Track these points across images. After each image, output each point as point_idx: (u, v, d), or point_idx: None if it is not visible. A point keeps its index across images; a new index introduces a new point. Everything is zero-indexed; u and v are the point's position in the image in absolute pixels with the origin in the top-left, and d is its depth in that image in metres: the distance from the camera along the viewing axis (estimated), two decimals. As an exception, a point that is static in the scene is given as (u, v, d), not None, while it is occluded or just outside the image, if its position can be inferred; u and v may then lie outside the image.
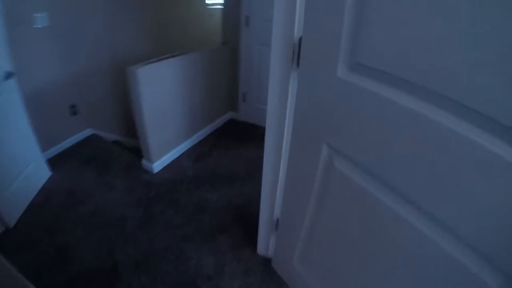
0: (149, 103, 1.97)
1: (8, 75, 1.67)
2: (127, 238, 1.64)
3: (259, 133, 2.80)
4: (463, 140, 0.51)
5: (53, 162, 2.24)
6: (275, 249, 1.40)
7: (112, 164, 2.35)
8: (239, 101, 2.94)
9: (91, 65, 2.53)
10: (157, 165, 2.22)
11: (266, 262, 1.48)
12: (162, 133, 2.19)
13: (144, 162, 2.24)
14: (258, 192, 1.96)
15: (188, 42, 2.68)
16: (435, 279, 0.63)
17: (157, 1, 2.70)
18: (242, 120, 3.03)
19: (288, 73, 0.93)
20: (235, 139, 2.73)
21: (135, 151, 2.39)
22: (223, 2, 2.67)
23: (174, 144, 2.38)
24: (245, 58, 2.70)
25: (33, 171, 1.97)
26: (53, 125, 2.39)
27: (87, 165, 2.32)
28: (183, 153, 2.46)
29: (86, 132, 2.73)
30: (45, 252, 1.56)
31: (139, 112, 1.97)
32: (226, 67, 2.76)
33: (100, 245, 1.60)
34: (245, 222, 1.74)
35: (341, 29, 0.67)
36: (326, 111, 0.80)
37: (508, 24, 0.42)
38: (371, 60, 0.64)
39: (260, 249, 1.50)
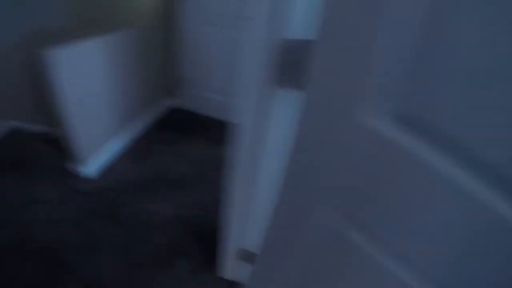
0: (71, 94, 1.59)
1: None
2: (68, 269, 1.35)
3: (204, 124, 2.59)
4: None
5: None
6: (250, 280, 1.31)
7: (39, 169, 1.91)
8: (181, 87, 2.63)
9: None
10: (92, 169, 1.87)
11: (232, 285, 1.40)
12: (92, 130, 1.83)
13: (76, 166, 1.86)
14: (211, 199, 1.82)
15: (117, 15, 2.21)
16: None
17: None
18: (185, 108, 2.74)
19: (271, 93, 0.72)
20: (177, 131, 2.46)
21: (67, 145, 1.96)
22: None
23: (109, 141, 2.02)
24: (188, 39, 2.38)
25: None
26: None
27: (7, 173, 1.84)
28: (120, 152, 2.12)
29: (2, 127, 2.12)
30: None
31: (58, 106, 1.58)
32: (164, 47, 2.40)
33: (35, 280, 1.29)
34: (201, 238, 1.60)
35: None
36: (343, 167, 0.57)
37: None
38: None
39: (224, 272, 1.41)
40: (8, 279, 1.29)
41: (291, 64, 0.61)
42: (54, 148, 2.06)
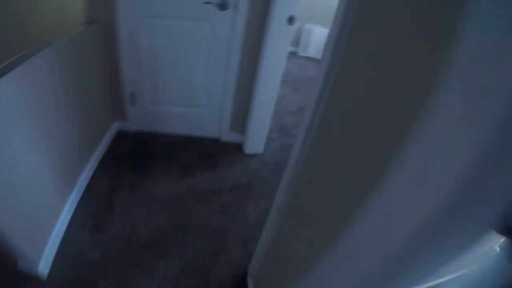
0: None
1: None
2: None
3: (164, 145, 2.11)
4: None
5: None
6: None
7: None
8: (126, 105, 2.04)
9: None
10: (44, 264, 1.25)
11: None
12: (24, 209, 1.19)
13: (22, 264, 1.22)
14: (204, 256, 1.47)
15: (37, 31, 1.49)
16: None
17: None
18: (135, 130, 2.15)
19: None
20: (138, 165, 1.88)
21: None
22: None
23: (52, 214, 1.39)
24: (127, 41, 1.79)
25: None
26: None
27: None
28: (72, 222, 1.49)
29: None
30: None
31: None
32: (97, 59, 1.77)
33: None
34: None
35: None
36: None
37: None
38: None
39: None
40: None
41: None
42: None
